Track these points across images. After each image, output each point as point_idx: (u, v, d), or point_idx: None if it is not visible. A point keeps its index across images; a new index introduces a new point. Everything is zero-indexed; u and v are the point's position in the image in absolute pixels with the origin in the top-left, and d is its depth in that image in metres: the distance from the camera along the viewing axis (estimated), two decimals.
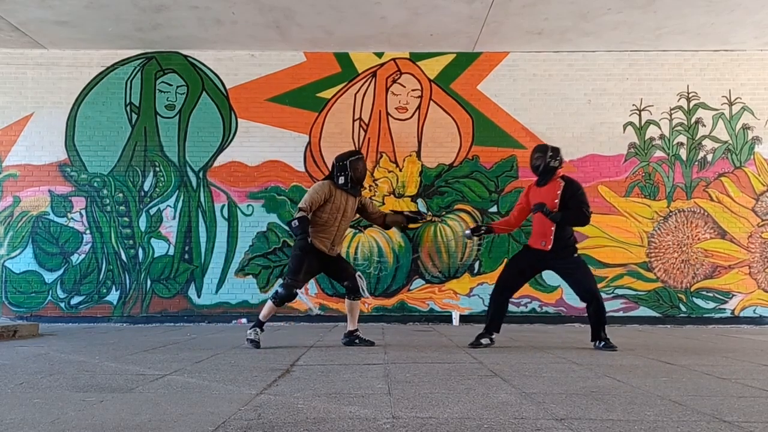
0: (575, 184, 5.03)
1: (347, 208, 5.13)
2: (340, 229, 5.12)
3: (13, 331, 5.89)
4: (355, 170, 5.06)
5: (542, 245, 4.95)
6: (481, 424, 2.28)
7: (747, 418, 2.42)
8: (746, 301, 7.76)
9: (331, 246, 5.09)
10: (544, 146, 5.09)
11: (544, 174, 5.03)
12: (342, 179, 5.05)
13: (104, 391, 2.97)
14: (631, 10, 6.86)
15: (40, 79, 8.04)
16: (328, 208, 5.02)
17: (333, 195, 5.03)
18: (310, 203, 4.96)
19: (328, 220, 5.03)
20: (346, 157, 5.11)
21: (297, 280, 4.95)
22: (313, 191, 5.03)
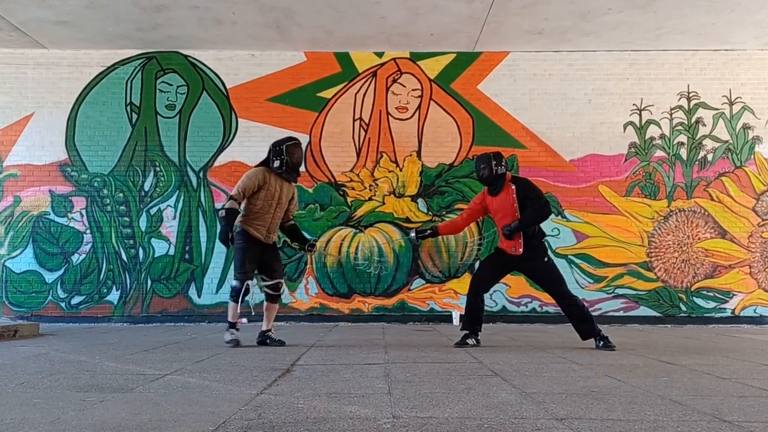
0: (523, 181, 5.10)
1: (282, 195, 5.11)
2: (275, 217, 5.10)
3: (13, 331, 5.90)
4: (291, 155, 5.04)
5: (513, 251, 4.99)
6: (481, 424, 2.28)
7: (747, 418, 2.42)
8: (746, 300, 7.76)
9: (267, 234, 5.07)
10: (486, 156, 5.11)
11: (494, 182, 5.06)
12: (277, 163, 5.02)
13: (104, 391, 2.97)
14: (631, 9, 6.86)
15: (41, 79, 8.04)
16: (262, 195, 4.99)
17: (267, 182, 5.00)
18: (243, 190, 4.93)
19: (263, 208, 5.00)
20: (283, 142, 5.09)
21: (246, 272, 4.95)
22: (246, 178, 4.97)
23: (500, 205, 5.03)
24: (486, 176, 5.05)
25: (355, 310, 7.75)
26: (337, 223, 7.87)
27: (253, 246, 4.99)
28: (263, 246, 5.07)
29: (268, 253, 5.15)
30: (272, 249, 5.20)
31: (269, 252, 5.16)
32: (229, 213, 4.86)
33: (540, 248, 5.03)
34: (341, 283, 7.80)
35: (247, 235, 4.97)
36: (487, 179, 5.06)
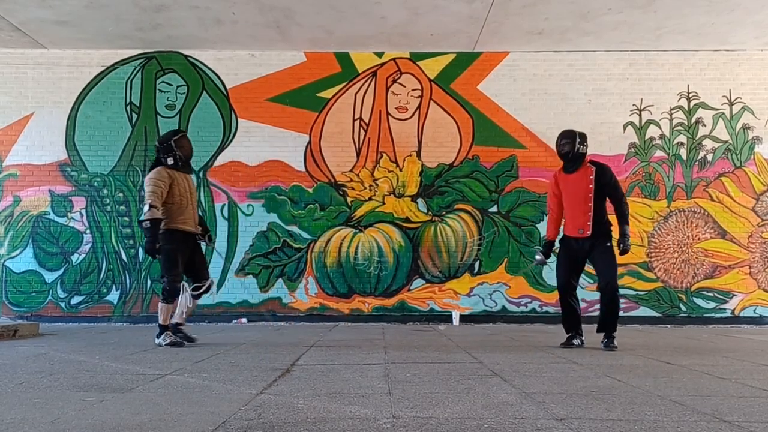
0: (606, 169, 5.00)
1: (189, 185, 5.20)
2: (194, 207, 5.19)
3: (13, 331, 5.90)
4: (181, 148, 5.09)
5: (580, 233, 4.90)
6: (481, 424, 2.28)
7: (747, 418, 2.42)
8: (746, 300, 7.76)
9: (195, 224, 5.17)
10: (572, 132, 5.05)
11: (573, 161, 4.99)
12: (171, 160, 5.05)
13: (104, 391, 2.97)
14: (631, 10, 6.86)
15: (41, 78, 8.04)
16: (175, 191, 5.02)
17: (173, 177, 5.04)
18: (160, 194, 4.92)
19: (182, 202, 5.05)
20: (169, 137, 5.11)
21: (178, 273, 4.98)
22: (154, 182, 4.94)
23: (575, 185, 4.95)
24: (566, 152, 4.98)
25: (355, 310, 7.75)
26: (337, 223, 7.87)
27: (182, 246, 5.02)
28: (192, 244, 5.14)
29: (198, 253, 5.23)
30: (199, 247, 5.26)
31: (198, 252, 5.23)
32: (154, 222, 4.85)
33: (608, 233, 4.93)
34: (341, 283, 7.80)
35: (176, 235, 4.98)
36: (566, 155, 4.99)
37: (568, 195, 5.04)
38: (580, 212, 4.91)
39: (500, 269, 7.77)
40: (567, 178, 5.06)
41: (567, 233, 5.07)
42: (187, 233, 5.09)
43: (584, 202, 4.90)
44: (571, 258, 5.05)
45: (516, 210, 7.86)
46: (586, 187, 4.90)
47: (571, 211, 5.02)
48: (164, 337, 4.98)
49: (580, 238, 4.93)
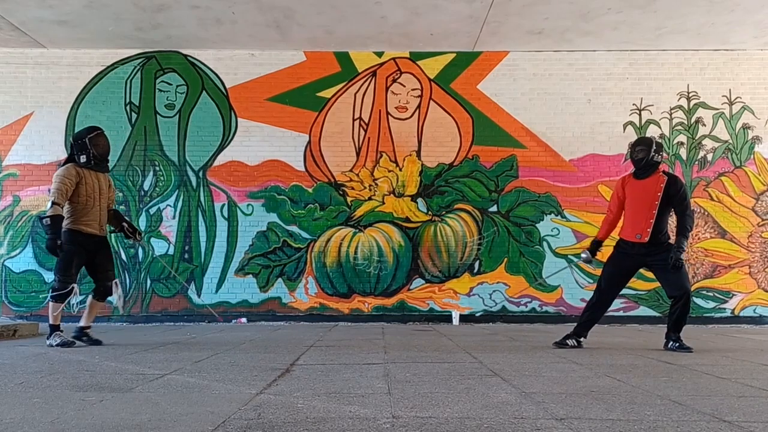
0: (679, 180, 4.95)
1: (101, 185, 5.07)
2: (102, 209, 5.07)
3: (13, 331, 5.89)
4: (96, 146, 4.99)
5: (638, 238, 4.87)
6: (480, 424, 2.28)
7: (747, 418, 2.42)
8: (746, 300, 7.76)
9: (100, 227, 5.06)
10: (649, 140, 5.00)
11: (645, 168, 4.95)
12: (84, 158, 4.95)
13: (104, 391, 2.97)
14: (631, 9, 6.86)
15: (40, 78, 8.04)
16: (82, 190, 4.92)
17: (82, 176, 4.93)
18: (65, 192, 4.82)
19: (88, 202, 4.95)
20: (84, 134, 5.00)
21: (71, 275, 4.91)
22: (59, 179, 4.83)
23: (643, 191, 4.90)
24: (640, 159, 4.93)
25: (354, 310, 7.75)
26: (337, 222, 7.86)
27: (80, 249, 4.92)
28: (96, 244, 5.03)
29: (101, 253, 5.11)
30: (105, 248, 5.15)
31: (102, 252, 5.12)
32: (55, 219, 4.76)
33: (667, 242, 4.89)
34: (341, 283, 7.80)
35: (76, 236, 4.90)
36: (640, 162, 4.94)
37: (633, 200, 4.97)
38: (643, 218, 4.86)
39: (500, 269, 7.77)
40: (636, 183, 5.00)
41: (623, 236, 5.02)
42: (88, 235, 4.97)
43: (649, 208, 4.84)
44: (622, 264, 5.01)
45: (516, 210, 7.86)
46: (654, 194, 4.85)
47: (633, 215, 4.97)
48: (54, 337, 4.89)
49: (636, 243, 4.89)
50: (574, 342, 5.02)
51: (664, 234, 4.91)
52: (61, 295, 4.90)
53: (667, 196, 4.85)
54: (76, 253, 4.91)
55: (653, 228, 4.82)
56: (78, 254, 4.93)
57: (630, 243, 4.94)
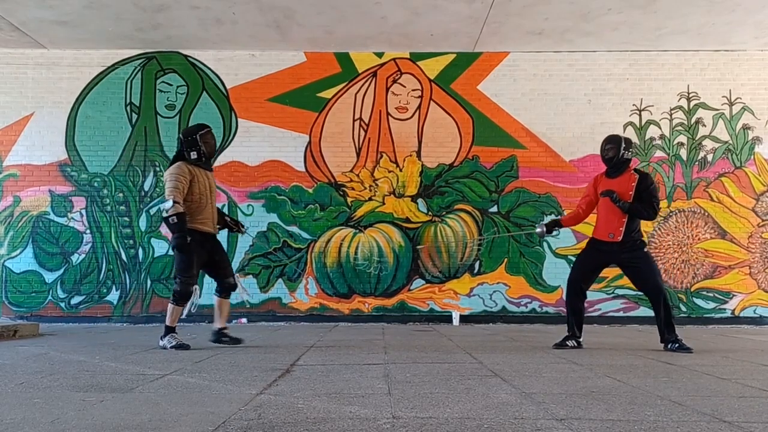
0: (649, 176, 5.00)
1: (210, 183, 5.04)
2: (213, 207, 5.03)
3: (13, 331, 5.90)
4: (206, 144, 4.94)
5: (610, 237, 4.88)
6: (481, 424, 2.28)
7: (747, 419, 2.42)
8: (746, 301, 7.76)
9: (213, 225, 5.00)
10: (618, 137, 5.02)
11: (616, 166, 4.97)
12: (194, 154, 4.90)
13: (104, 391, 2.97)
14: (631, 10, 6.86)
15: (41, 78, 8.04)
16: (195, 188, 4.86)
17: (194, 174, 4.89)
18: (182, 189, 4.77)
19: (201, 200, 4.89)
20: (194, 131, 4.95)
21: (193, 275, 4.83)
22: (175, 177, 4.77)
23: (615, 188, 4.91)
24: (610, 157, 4.96)
25: (354, 311, 7.75)
26: (337, 223, 7.87)
27: (198, 248, 4.84)
28: (211, 244, 4.97)
29: (218, 251, 5.06)
30: (219, 246, 5.11)
31: (219, 250, 5.07)
32: (181, 217, 4.69)
33: (640, 239, 4.93)
34: (341, 284, 7.80)
35: (194, 236, 4.80)
36: (610, 160, 4.97)
37: (605, 199, 4.97)
38: (615, 217, 4.87)
39: (500, 269, 7.77)
40: (608, 182, 5.01)
41: (596, 236, 5.03)
42: (205, 234, 4.90)
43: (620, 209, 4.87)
44: (593, 260, 5.04)
45: (516, 210, 7.86)
46: (626, 193, 4.86)
47: (605, 215, 4.97)
48: (169, 338, 4.84)
49: (608, 242, 4.90)
50: (574, 343, 5.02)
51: (636, 232, 4.94)
52: (183, 297, 4.82)
53: (638, 194, 4.87)
54: (193, 252, 4.80)
55: (626, 227, 4.85)
56: (196, 253, 4.82)
57: (602, 242, 4.96)
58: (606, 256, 4.98)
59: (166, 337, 4.86)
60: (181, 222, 4.69)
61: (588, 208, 5.22)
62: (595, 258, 5.03)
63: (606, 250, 4.94)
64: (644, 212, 4.86)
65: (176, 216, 4.68)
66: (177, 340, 4.84)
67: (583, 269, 5.08)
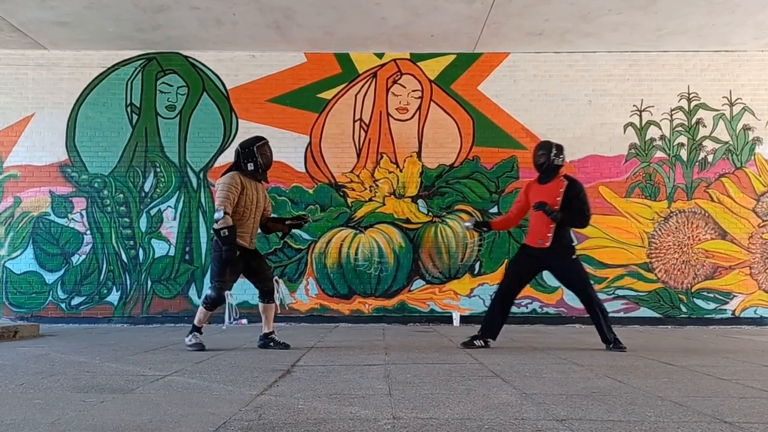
0: (578, 184, 5.02)
1: (259, 197, 4.99)
2: (255, 222, 4.99)
3: (13, 332, 5.90)
4: (263, 156, 4.93)
5: (539, 243, 4.93)
6: (481, 425, 2.28)
7: (748, 419, 2.42)
8: (747, 301, 7.75)
9: (250, 240, 4.96)
10: (548, 143, 5.08)
11: (547, 172, 5.02)
12: (251, 166, 4.88)
13: (105, 392, 2.97)
14: (631, 11, 6.86)
15: (41, 79, 8.04)
16: (242, 201, 4.83)
17: (245, 186, 4.86)
18: (233, 200, 4.74)
19: (244, 214, 4.86)
20: (252, 143, 4.94)
21: (224, 281, 4.82)
22: (226, 187, 4.74)
23: (545, 194, 4.96)
24: (541, 163, 5.01)
25: (355, 311, 7.75)
26: (338, 224, 7.87)
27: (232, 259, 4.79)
28: (248, 252, 4.92)
29: (256, 259, 5.03)
30: (256, 253, 5.09)
31: (256, 258, 5.03)
32: (232, 230, 4.66)
33: (569, 246, 4.98)
34: (341, 284, 7.80)
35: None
36: (541, 166, 5.02)
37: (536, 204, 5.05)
38: (544, 223, 4.91)
39: (501, 270, 7.77)
40: (539, 188, 5.08)
41: (527, 242, 5.11)
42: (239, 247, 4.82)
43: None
44: (524, 266, 5.09)
45: None
46: (554, 199, 4.91)
47: (535, 221, 5.03)
48: (191, 336, 4.87)
49: (538, 248, 4.96)
50: (482, 343, 5.03)
51: (566, 238, 4.98)
52: (214, 302, 4.81)
53: (567, 200, 4.90)
54: (228, 261, 4.75)
55: (554, 234, 4.88)
56: (231, 263, 4.78)
57: (533, 248, 5.01)
58: (537, 262, 5.04)
59: (191, 334, 4.91)
60: (232, 235, 4.67)
61: (519, 213, 5.32)
62: (526, 263, 5.09)
63: (536, 256, 5.00)
64: (576, 221, 4.94)
65: (227, 229, 4.65)
66: (198, 340, 4.86)
67: (515, 275, 5.12)
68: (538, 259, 4.99)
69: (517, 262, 5.17)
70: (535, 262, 5.05)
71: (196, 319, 4.91)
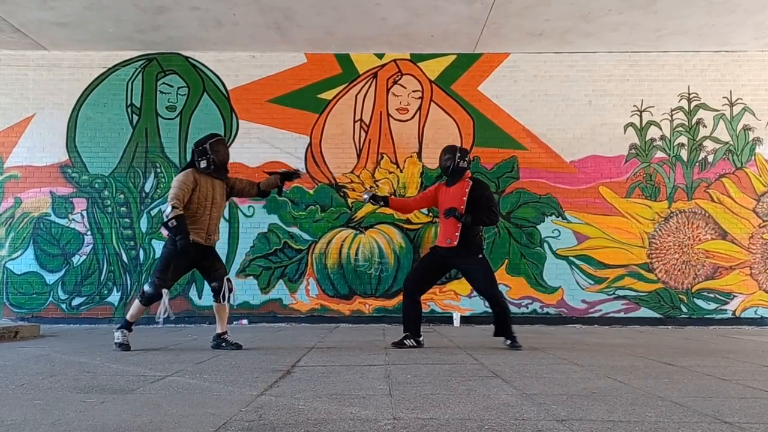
0: (483, 184, 5.21)
1: (215, 194, 5.00)
2: (212, 218, 5.00)
3: (14, 332, 5.90)
4: (216, 153, 4.93)
5: (448, 243, 5.04)
6: (482, 425, 2.28)
7: (748, 420, 2.42)
8: (747, 302, 7.75)
9: (207, 236, 4.97)
10: (453, 147, 5.22)
11: (453, 174, 5.13)
12: (204, 163, 4.90)
13: (105, 393, 2.97)
14: (631, 11, 6.86)
15: (42, 80, 8.05)
16: (195, 197, 4.87)
17: (198, 183, 4.88)
18: (182, 198, 4.79)
19: (198, 210, 4.89)
20: (206, 140, 4.97)
21: (165, 279, 4.84)
22: (178, 184, 4.81)
23: (451, 197, 5.09)
24: (447, 166, 5.12)
25: (355, 312, 7.75)
26: (338, 224, 7.87)
27: (183, 256, 4.79)
28: (200, 252, 4.92)
29: (208, 258, 5.02)
30: (211, 252, 5.07)
31: (208, 257, 5.03)
32: (180, 218, 4.71)
33: (477, 245, 5.10)
34: (342, 285, 7.80)
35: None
36: (447, 169, 5.13)
37: (443, 206, 5.13)
38: (451, 224, 5.02)
39: (501, 270, 7.77)
40: (447, 190, 5.19)
41: (438, 243, 5.23)
42: (193, 243, 4.82)
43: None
44: (433, 264, 5.21)
45: (516, 211, 7.86)
46: (460, 199, 5.02)
47: (444, 223, 5.15)
48: (121, 332, 4.85)
49: (447, 248, 5.06)
50: (413, 342, 5.06)
51: (476, 237, 5.09)
52: (149, 299, 4.85)
53: (472, 200, 5.01)
54: (176, 257, 4.80)
55: (462, 234, 4.99)
56: (179, 258, 4.82)
57: (443, 247, 5.11)
58: (445, 260, 5.16)
59: (120, 330, 4.89)
60: (181, 224, 4.72)
61: (420, 202, 5.55)
62: (434, 262, 5.21)
63: (445, 255, 5.11)
64: (485, 219, 5.05)
65: (175, 219, 4.70)
66: (123, 339, 4.84)
67: (423, 272, 5.22)
68: (446, 258, 5.12)
69: (425, 260, 5.35)
70: (443, 261, 5.18)
71: (129, 314, 4.92)
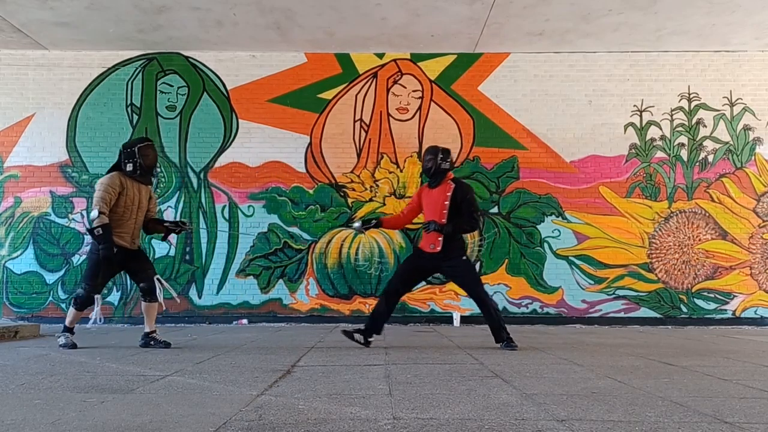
0: (465, 186, 5.11)
1: (141, 198, 5.01)
2: (137, 222, 5.01)
3: (14, 332, 5.90)
4: (144, 157, 4.92)
5: (432, 248, 5.00)
6: (482, 425, 2.28)
7: (748, 419, 2.42)
8: (747, 302, 7.75)
9: (131, 240, 4.99)
10: (435, 148, 5.14)
11: (435, 176, 5.09)
12: (130, 166, 4.89)
13: (105, 392, 2.97)
14: (631, 11, 6.86)
15: (42, 80, 8.05)
16: (122, 201, 4.86)
17: (125, 186, 4.88)
18: (109, 201, 4.79)
19: (124, 214, 4.89)
20: (134, 143, 4.96)
21: (95, 284, 4.91)
22: (103, 187, 4.81)
23: (434, 199, 5.06)
24: (429, 168, 5.08)
25: (355, 311, 7.75)
26: (338, 224, 7.87)
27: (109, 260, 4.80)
28: (127, 254, 4.94)
29: (135, 260, 5.03)
30: (137, 253, 5.09)
31: (135, 259, 5.04)
32: (106, 228, 4.73)
33: (459, 247, 5.06)
34: (342, 284, 7.80)
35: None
36: (429, 171, 5.09)
37: (426, 210, 5.12)
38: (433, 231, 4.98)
39: (501, 270, 7.77)
40: (430, 192, 5.15)
41: (421, 247, 5.19)
42: (118, 247, 4.85)
43: (438, 218, 4.97)
44: (415, 268, 5.17)
45: (517, 211, 7.86)
46: (442, 203, 4.98)
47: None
48: (64, 337, 4.98)
49: (430, 252, 5.01)
50: (362, 339, 5.05)
51: (458, 240, 5.05)
52: (83, 304, 4.96)
53: (455, 203, 4.96)
54: (102, 264, 4.84)
55: (444, 237, 4.94)
56: (107, 265, 4.85)
57: (425, 252, 5.08)
58: (428, 264, 5.13)
59: (62, 335, 5.02)
60: (107, 233, 4.74)
61: (409, 215, 5.42)
62: (418, 265, 5.17)
63: (428, 258, 5.07)
64: (466, 227, 5.02)
65: (101, 227, 4.73)
66: (67, 339, 4.97)
67: (406, 275, 5.20)
68: (430, 262, 5.08)
69: (408, 263, 5.28)
70: (426, 265, 5.15)
71: (67, 321, 5.03)
